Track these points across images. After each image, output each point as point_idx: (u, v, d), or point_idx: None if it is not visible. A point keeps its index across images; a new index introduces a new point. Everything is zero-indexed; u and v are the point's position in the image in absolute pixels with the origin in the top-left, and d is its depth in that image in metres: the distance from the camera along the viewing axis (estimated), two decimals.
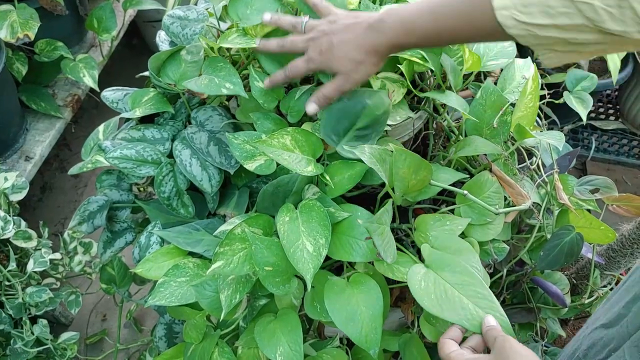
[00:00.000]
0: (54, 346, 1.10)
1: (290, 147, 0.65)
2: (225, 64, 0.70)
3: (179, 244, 0.76)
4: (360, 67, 0.61)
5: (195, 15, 0.72)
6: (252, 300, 0.73)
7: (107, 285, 1.09)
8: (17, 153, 1.20)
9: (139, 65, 1.93)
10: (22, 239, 1.01)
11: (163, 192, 0.78)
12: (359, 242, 0.64)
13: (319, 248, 0.62)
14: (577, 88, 0.88)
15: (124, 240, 0.90)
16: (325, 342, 0.75)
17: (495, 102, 0.69)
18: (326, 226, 0.63)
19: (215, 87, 0.67)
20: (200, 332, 0.74)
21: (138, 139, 0.80)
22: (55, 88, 1.34)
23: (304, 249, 0.62)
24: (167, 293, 0.72)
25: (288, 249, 0.62)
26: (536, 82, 0.66)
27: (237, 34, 0.69)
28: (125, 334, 1.44)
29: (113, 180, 0.91)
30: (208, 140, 0.78)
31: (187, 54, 0.74)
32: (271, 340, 0.67)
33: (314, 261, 0.61)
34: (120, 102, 0.86)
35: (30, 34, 1.06)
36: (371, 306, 0.64)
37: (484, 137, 0.71)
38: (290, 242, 0.63)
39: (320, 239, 0.63)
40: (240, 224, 0.65)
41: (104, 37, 1.27)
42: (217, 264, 0.63)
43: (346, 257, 0.64)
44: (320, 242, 0.62)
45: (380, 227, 0.60)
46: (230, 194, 0.82)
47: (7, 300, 1.03)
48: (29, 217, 1.58)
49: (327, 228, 0.63)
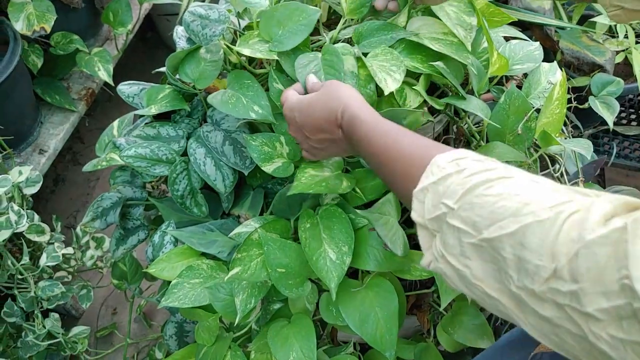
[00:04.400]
0: (65, 340, 1.10)
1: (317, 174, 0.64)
2: (253, 82, 0.68)
3: (193, 245, 0.75)
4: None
5: (217, 16, 0.70)
6: (266, 303, 0.72)
7: (119, 281, 1.08)
8: (32, 146, 1.19)
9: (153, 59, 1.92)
10: (35, 233, 1.01)
11: (177, 190, 0.77)
12: (376, 251, 0.62)
13: (342, 256, 0.61)
14: (602, 93, 0.85)
15: (137, 238, 0.89)
16: (339, 349, 0.74)
17: (519, 107, 0.66)
18: (349, 233, 0.62)
19: (242, 109, 0.66)
20: (212, 335, 0.73)
21: (153, 136, 0.79)
22: (70, 81, 1.33)
23: (327, 256, 0.61)
24: (181, 294, 0.71)
25: (310, 257, 0.61)
26: (564, 88, 0.64)
27: (258, 39, 0.67)
28: (135, 328, 1.44)
29: (127, 177, 0.90)
30: (223, 139, 0.76)
31: (206, 53, 0.73)
32: (284, 345, 0.66)
33: (338, 270, 0.60)
34: (136, 97, 0.85)
35: (46, 27, 1.05)
36: (386, 307, 0.63)
37: (507, 143, 0.69)
38: (312, 250, 0.62)
39: (344, 246, 0.61)
40: (257, 229, 0.64)
41: (119, 30, 1.26)
42: (235, 271, 0.62)
43: (363, 265, 0.62)
44: (343, 249, 0.61)
45: (383, 218, 0.59)
46: (245, 194, 0.81)
47: (20, 294, 1.03)
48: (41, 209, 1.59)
49: (350, 235, 0.62)
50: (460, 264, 0.37)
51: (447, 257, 0.37)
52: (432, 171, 0.41)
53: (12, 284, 1.03)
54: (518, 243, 0.32)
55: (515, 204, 0.33)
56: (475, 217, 0.35)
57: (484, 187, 0.36)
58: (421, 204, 0.41)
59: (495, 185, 0.36)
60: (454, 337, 0.66)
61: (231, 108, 0.67)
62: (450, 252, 0.37)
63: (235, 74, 0.71)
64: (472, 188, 0.37)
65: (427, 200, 0.40)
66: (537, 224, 0.31)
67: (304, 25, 0.67)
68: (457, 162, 0.40)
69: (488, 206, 0.35)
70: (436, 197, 0.39)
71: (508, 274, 0.33)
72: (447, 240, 0.38)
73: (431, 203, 0.39)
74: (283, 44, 0.66)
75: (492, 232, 0.34)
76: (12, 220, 0.93)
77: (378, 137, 0.50)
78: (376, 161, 0.50)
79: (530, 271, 0.31)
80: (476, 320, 0.66)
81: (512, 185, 0.35)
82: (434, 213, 0.39)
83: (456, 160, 0.40)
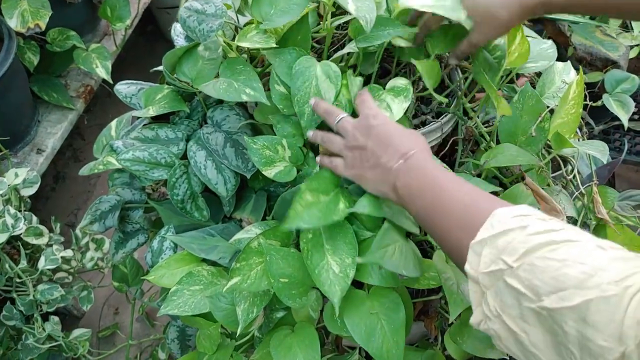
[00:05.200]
0: (66, 343, 1.09)
1: (314, 200, 0.59)
2: (245, 66, 0.65)
3: (193, 251, 0.73)
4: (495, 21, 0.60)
5: (214, 10, 0.68)
6: (268, 311, 0.70)
7: (120, 284, 1.07)
8: (29, 145, 1.17)
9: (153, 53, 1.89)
10: (33, 236, 0.99)
11: (176, 194, 0.75)
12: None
13: (346, 268, 0.58)
14: (616, 90, 0.82)
15: (136, 241, 0.87)
16: (344, 357, 0.72)
17: (533, 107, 0.64)
18: (353, 244, 0.59)
19: (234, 93, 0.63)
20: (214, 343, 0.71)
21: (151, 138, 0.76)
22: (68, 78, 1.31)
23: (330, 269, 0.58)
24: (181, 302, 0.69)
25: (312, 270, 0.59)
26: (580, 88, 0.61)
27: (256, 31, 0.65)
28: (138, 328, 1.42)
29: (125, 178, 0.88)
30: (224, 141, 0.74)
31: (204, 50, 0.70)
32: (287, 355, 0.64)
33: (341, 283, 0.58)
34: (134, 97, 0.82)
35: (41, 24, 1.03)
36: (392, 319, 0.60)
37: (519, 144, 0.66)
38: (315, 262, 0.59)
39: (347, 258, 0.59)
40: (258, 237, 0.61)
41: (117, 26, 1.23)
42: (234, 280, 0.59)
43: (367, 279, 0.60)
44: (346, 261, 0.58)
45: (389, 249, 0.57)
46: (247, 197, 0.79)
47: (19, 297, 1.01)
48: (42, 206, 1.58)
49: (354, 247, 0.59)
50: (518, 327, 0.34)
51: (503, 318, 0.35)
52: (492, 224, 0.39)
53: (11, 287, 1.02)
54: (581, 319, 0.30)
55: (579, 274, 0.31)
56: (536, 281, 0.33)
57: (548, 249, 0.34)
58: (477, 256, 0.38)
59: (559, 249, 0.33)
60: (463, 347, 0.63)
61: (222, 93, 0.64)
62: (507, 313, 0.35)
63: (228, 61, 0.68)
64: (534, 248, 0.34)
65: (484, 253, 0.38)
66: (602, 301, 0.29)
67: (295, 4, 0.65)
68: (520, 218, 0.38)
69: (550, 271, 0.32)
70: (495, 252, 0.37)
71: (569, 349, 0.31)
72: (505, 300, 0.35)
73: (489, 257, 0.37)
74: (274, 22, 0.64)
75: (553, 302, 0.31)
76: (9, 224, 0.91)
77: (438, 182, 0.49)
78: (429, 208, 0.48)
79: (595, 352, 0.29)
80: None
81: (577, 252, 0.33)
82: (489, 268, 0.36)
83: (520, 216, 0.38)
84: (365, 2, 0.62)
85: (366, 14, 0.62)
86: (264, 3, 0.65)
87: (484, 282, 0.37)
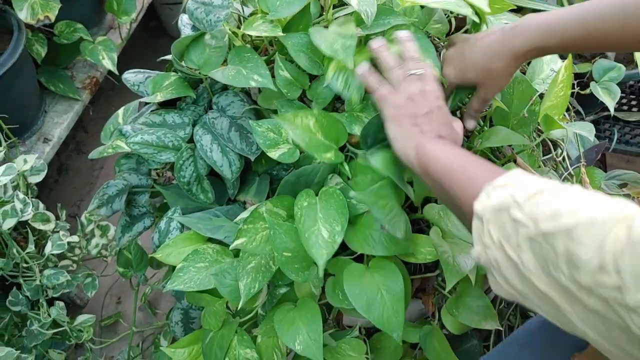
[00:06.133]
0: (70, 328, 1.11)
1: (313, 130, 0.64)
2: (253, 54, 0.68)
3: (199, 230, 0.75)
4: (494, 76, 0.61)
5: (220, 2, 0.71)
6: (271, 288, 0.73)
7: (124, 269, 1.09)
8: (36, 135, 1.20)
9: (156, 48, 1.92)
10: (40, 221, 1.02)
11: (183, 177, 0.77)
12: (381, 235, 0.63)
13: (335, 235, 0.61)
14: (604, 79, 0.85)
15: (142, 225, 0.90)
16: (345, 333, 0.75)
17: (523, 91, 0.67)
18: (343, 214, 0.62)
19: (243, 79, 0.66)
20: (219, 320, 0.73)
21: (159, 123, 0.79)
22: (74, 70, 1.34)
23: (319, 234, 0.61)
24: (186, 278, 0.72)
25: (303, 234, 0.62)
26: (569, 71, 0.64)
27: (261, 21, 0.68)
28: (140, 317, 1.45)
29: (132, 164, 0.90)
30: (229, 125, 0.77)
31: (211, 39, 0.73)
32: (290, 329, 0.67)
33: (328, 248, 0.61)
34: (141, 85, 0.85)
35: (51, 16, 1.05)
36: (392, 289, 0.63)
37: (511, 127, 0.70)
38: (307, 227, 0.62)
39: (337, 226, 0.62)
40: (266, 202, 0.65)
41: (123, 19, 1.26)
42: (240, 241, 0.63)
43: (366, 250, 0.63)
44: (336, 229, 0.61)
45: (380, 201, 0.60)
46: (251, 180, 0.82)
47: (25, 282, 1.03)
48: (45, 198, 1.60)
49: (345, 216, 0.62)
50: (515, 254, 0.38)
51: (504, 246, 0.39)
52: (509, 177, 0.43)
53: (17, 273, 1.04)
54: (570, 238, 0.34)
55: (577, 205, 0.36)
56: (538, 211, 0.37)
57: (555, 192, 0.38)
58: (488, 196, 0.42)
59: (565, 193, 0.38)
60: (459, 319, 0.67)
61: (232, 79, 0.68)
62: (508, 242, 0.39)
63: (236, 49, 0.71)
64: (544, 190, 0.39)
65: (495, 193, 0.42)
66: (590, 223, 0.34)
67: None
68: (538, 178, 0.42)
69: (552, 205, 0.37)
70: (506, 193, 0.41)
71: (559, 267, 0.35)
72: (506, 230, 0.39)
73: (499, 197, 0.41)
74: (279, 13, 0.67)
75: (549, 227, 0.36)
76: (18, 209, 0.94)
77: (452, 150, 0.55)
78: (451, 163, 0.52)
79: (580, 264, 0.33)
80: (481, 301, 0.66)
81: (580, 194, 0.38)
82: (498, 204, 0.41)
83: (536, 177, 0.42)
84: None
85: (367, 8, 0.65)
86: None
87: (489, 217, 0.41)
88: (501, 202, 0.40)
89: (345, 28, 0.65)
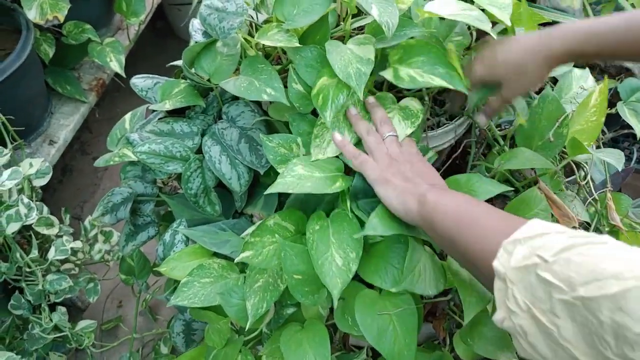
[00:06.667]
0: (72, 333, 1.09)
1: (307, 174, 0.61)
2: (267, 65, 0.66)
3: (205, 244, 0.73)
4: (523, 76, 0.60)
5: (235, 8, 0.68)
6: (278, 307, 0.70)
7: (126, 276, 1.07)
8: (42, 136, 1.18)
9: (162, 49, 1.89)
10: (44, 226, 1.00)
11: (190, 188, 0.75)
12: (394, 270, 0.60)
13: (349, 263, 0.59)
14: (631, 99, 0.82)
15: (147, 234, 0.87)
16: (352, 356, 0.72)
17: (553, 112, 0.64)
18: (358, 240, 0.59)
19: (255, 92, 0.64)
20: (223, 338, 0.71)
21: (167, 132, 0.77)
22: (81, 71, 1.32)
23: (333, 261, 0.59)
24: (191, 293, 0.69)
25: (316, 260, 0.59)
26: (604, 96, 0.61)
27: (277, 29, 0.65)
28: (140, 322, 1.43)
29: (138, 171, 0.88)
30: (239, 137, 0.74)
31: (223, 46, 0.70)
32: (297, 351, 0.65)
33: (343, 276, 0.58)
34: (149, 91, 0.83)
35: (59, 16, 1.03)
36: (404, 321, 0.61)
37: (534, 149, 0.67)
38: (319, 253, 0.60)
39: (351, 252, 0.59)
40: (274, 216, 0.62)
41: (132, 20, 1.24)
42: (246, 254, 0.61)
43: (377, 282, 0.60)
44: (350, 256, 0.59)
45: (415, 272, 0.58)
46: (259, 193, 0.79)
47: (28, 287, 1.02)
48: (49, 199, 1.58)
49: (359, 242, 0.59)
50: (548, 320, 0.34)
51: (533, 311, 0.35)
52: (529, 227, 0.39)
53: (20, 277, 1.02)
54: (618, 308, 0.30)
55: (618, 267, 0.31)
56: (572, 273, 0.33)
57: (585, 247, 0.34)
58: (508, 254, 0.39)
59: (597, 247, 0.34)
60: (474, 349, 0.64)
61: (243, 91, 0.65)
62: (538, 307, 0.35)
63: (249, 59, 0.69)
64: (572, 246, 0.35)
65: (517, 251, 0.38)
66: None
67: (318, 5, 0.65)
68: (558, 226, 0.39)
69: (587, 265, 0.33)
70: (529, 250, 0.37)
71: (604, 339, 0.31)
72: (535, 294, 0.35)
73: (522, 254, 0.37)
74: (296, 22, 0.64)
75: (588, 292, 0.32)
76: (22, 213, 0.92)
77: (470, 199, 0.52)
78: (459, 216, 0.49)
79: (631, 339, 0.30)
80: (497, 331, 0.63)
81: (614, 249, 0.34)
82: (522, 263, 0.37)
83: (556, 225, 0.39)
84: (389, 7, 0.63)
85: (389, 19, 0.62)
86: (287, 3, 0.65)
87: (512, 278, 0.37)
88: (525, 261, 0.36)
89: (363, 50, 0.62)
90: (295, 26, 0.64)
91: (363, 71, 0.59)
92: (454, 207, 0.50)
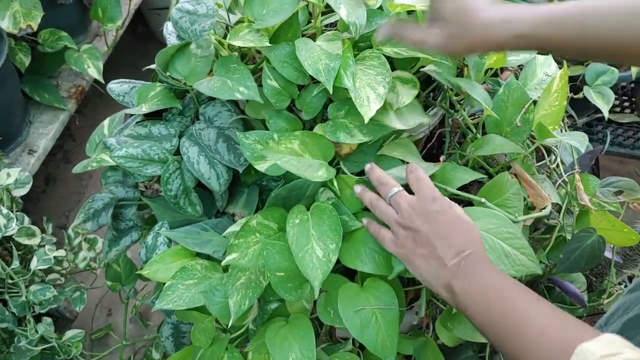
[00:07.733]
0: (59, 344, 1.09)
1: (299, 152, 0.62)
2: (239, 65, 0.67)
3: (187, 245, 0.74)
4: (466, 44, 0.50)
5: (205, 10, 0.69)
6: (262, 303, 0.71)
7: (113, 283, 1.07)
8: (21, 146, 1.17)
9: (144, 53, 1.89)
10: (25, 236, 1.00)
11: (170, 190, 0.75)
12: (375, 254, 0.61)
13: (329, 254, 0.60)
14: (597, 82, 0.84)
15: (130, 239, 0.87)
16: (338, 346, 0.73)
17: (518, 99, 0.65)
18: (337, 231, 0.61)
19: (228, 91, 0.64)
20: (209, 337, 0.72)
21: (144, 135, 0.77)
22: (59, 79, 1.31)
23: (314, 253, 0.60)
24: (175, 296, 0.70)
25: (297, 253, 0.60)
26: (564, 81, 0.63)
27: (248, 30, 0.66)
28: (131, 329, 1.42)
29: (118, 176, 0.88)
30: (217, 137, 0.75)
31: (197, 48, 0.71)
32: (283, 345, 0.65)
33: (323, 267, 0.59)
34: (126, 96, 0.83)
35: (33, 25, 1.03)
36: (386, 313, 0.62)
37: (504, 135, 0.68)
38: (300, 246, 0.61)
39: (331, 244, 0.60)
40: (256, 215, 0.63)
41: (109, 26, 1.24)
42: (232, 256, 0.61)
43: (360, 267, 0.62)
44: (330, 247, 0.60)
45: None
46: (239, 192, 0.80)
47: (11, 299, 1.01)
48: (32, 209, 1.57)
49: (339, 233, 0.61)
50: None
51: None
52: (608, 347, 0.38)
53: (3, 289, 1.02)
54: None
55: None
56: None
57: None
58: None
59: None
60: (454, 333, 0.65)
61: (217, 91, 0.66)
62: None
63: (222, 60, 0.70)
64: None
65: None
66: None
67: (287, 4, 0.66)
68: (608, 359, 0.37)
69: None
70: None
71: None
72: None
73: None
74: (266, 21, 0.65)
75: None
76: (1, 224, 0.92)
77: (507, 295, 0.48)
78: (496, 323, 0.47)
79: None
80: None
81: None
82: None
83: (608, 356, 0.37)
84: (357, 10, 0.64)
85: (356, 20, 0.63)
86: (256, 3, 0.66)
87: None
88: None
89: (331, 46, 0.63)
90: (264, 25, 0.65)
91: (332, 66, 0.61)
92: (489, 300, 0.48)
